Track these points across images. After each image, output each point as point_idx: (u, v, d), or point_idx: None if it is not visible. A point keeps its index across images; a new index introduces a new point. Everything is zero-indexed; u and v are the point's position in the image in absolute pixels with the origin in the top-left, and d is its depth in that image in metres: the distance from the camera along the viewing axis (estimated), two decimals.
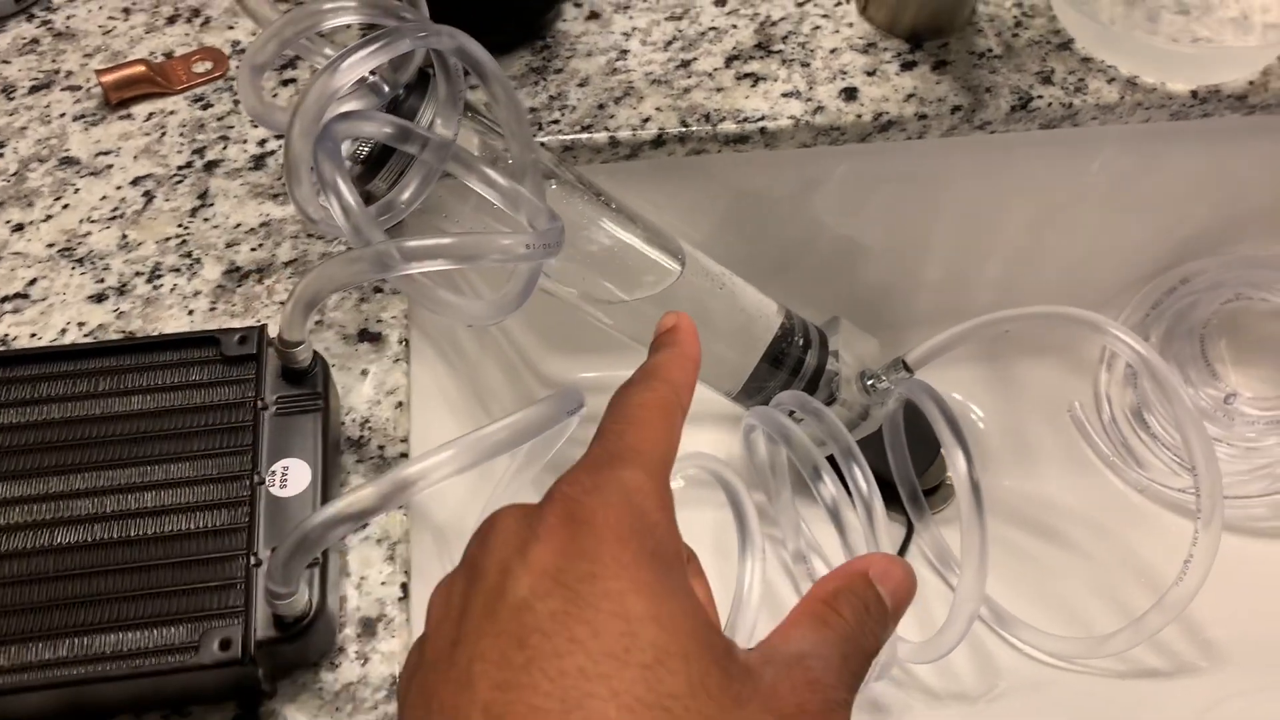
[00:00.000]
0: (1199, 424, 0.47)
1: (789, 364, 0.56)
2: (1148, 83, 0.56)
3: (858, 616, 0.26)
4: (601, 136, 0.54)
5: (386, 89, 0.45)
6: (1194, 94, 0.56)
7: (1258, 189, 0.63)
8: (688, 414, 0.30)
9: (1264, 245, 0.65)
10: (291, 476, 0.39)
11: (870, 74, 0.56)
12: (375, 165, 0.45)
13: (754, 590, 0.43)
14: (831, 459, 0.48)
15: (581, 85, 0.56)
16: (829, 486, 0.46)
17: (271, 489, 0.38)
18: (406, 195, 0.44)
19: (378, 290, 0.48)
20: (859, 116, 0.55)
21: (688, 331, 0.34)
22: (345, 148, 0.41)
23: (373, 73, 0.44)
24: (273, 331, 0.42)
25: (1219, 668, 0.56)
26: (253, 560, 0.37)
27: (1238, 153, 0.61)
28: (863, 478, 0.46)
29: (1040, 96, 0.56)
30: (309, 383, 0.41)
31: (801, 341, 0.56)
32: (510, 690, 0.22)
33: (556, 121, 0.54)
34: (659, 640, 0.23)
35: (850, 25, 0.59)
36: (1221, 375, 0.66)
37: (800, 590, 0.58)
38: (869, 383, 0.57)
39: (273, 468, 0.39)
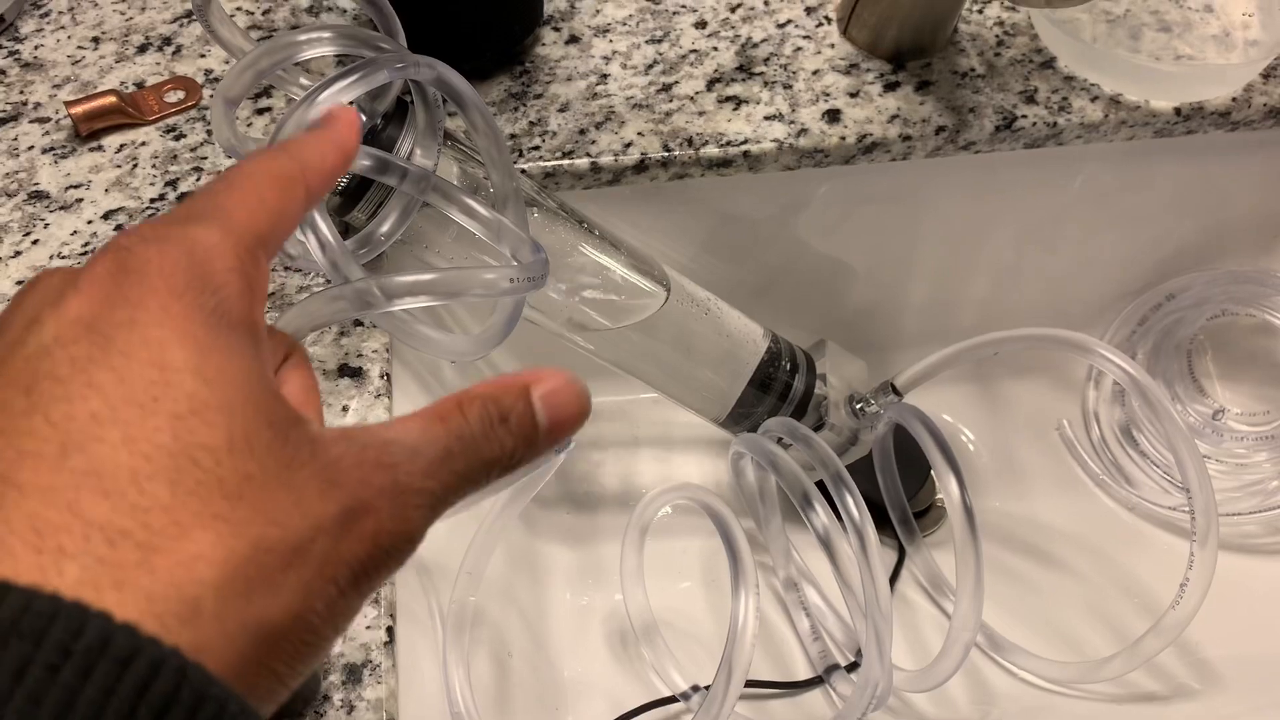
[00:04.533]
0: (1191, 443, 0.47)
1: (776, 389, 0.55)
2: (1131, 101, 0.56)
3: (485, 423, 0.24)
4: (583, 162, 0.53)
5: (364, 119, 0.44)
6: (1177, 111, 0.56)
7: (1241, 204, 0.63)
8: (315, 199, 0.27)
9: (1248, 260, 0.65)
10: None
11: (853, 95, 0.56)
12: (353, 196, 0.44)
13: (749, 626, 0.42)
14: (821, 485, 0.47)
15: (562, 110, 0.55)
16: (820, 515, 0.45)
17: None
18: (386, 227, 0.43)
19: (358, 324, 0.47)
20: (843, 139, 0.54)
21: (345, 121, 0.30)
22: None
23: (350, 103, 0.44)
24: None
25: (1215, 689, 0.55)
26: None
27: (1221, 169, 0.61)
28: (854, 504, 0.45)
29: (1024, 116, 0.55)
30: None
31: (789, 365, 0.56)
32: (12, 440, 0.19)
33: (537, 148, 0.53)
34: (198, 392, 0.20)
35: (832, 46, 0.58)
36: (1209, 391, 0.66)
37: (793, 619, 0.58)
38: (858, 406, 0.56)
39: None
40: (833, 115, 0.55)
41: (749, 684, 0.52)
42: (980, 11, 0.60)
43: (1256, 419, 0.64)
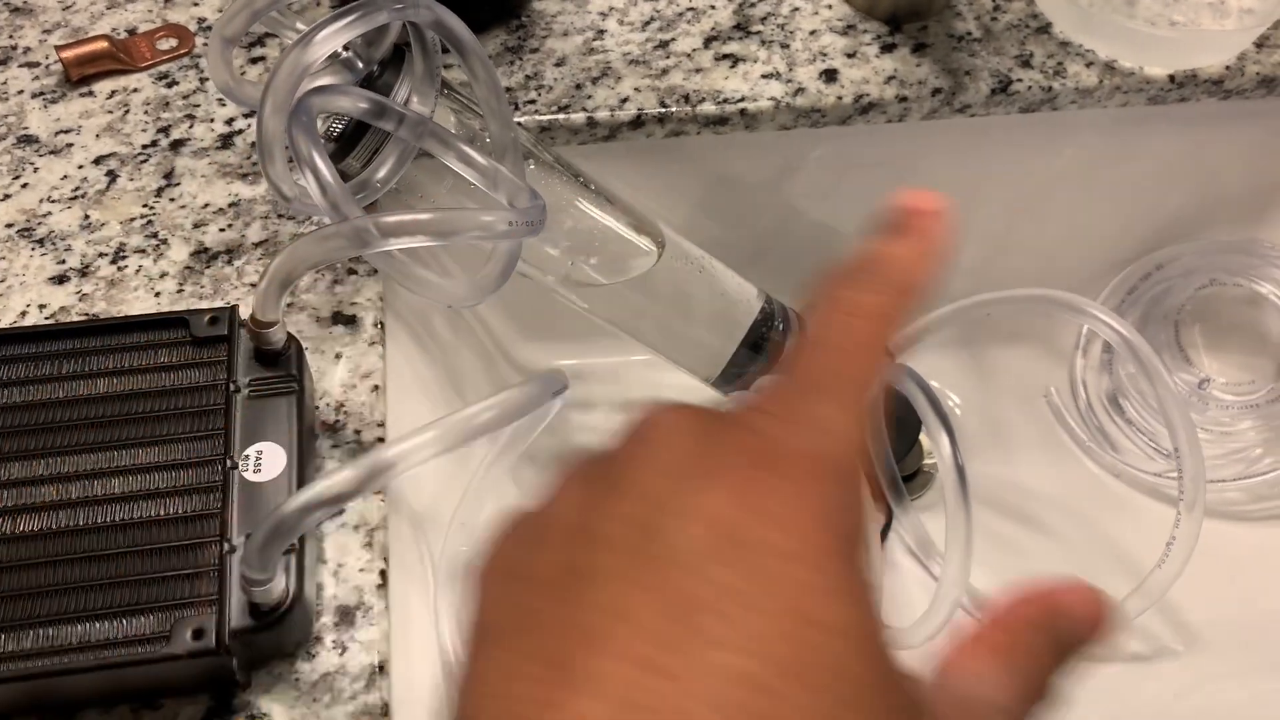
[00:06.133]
0: (1182, 405, 0.47)
1: (769, 349, 0.55)
2: (1126, 66, 0.56)
3: (1041, 660, 0.21)
4: (579, 117, 0.53)
5: (360, 65, 0.44)
6: (1171, 78, 0.56)
7: (1232, 174, 0.63)
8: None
9: (1238, 230, 0.65)
10: (266, 461, 0.37)
11: (850, 56, 0.56)
12: (348, 143, 0.43)
13: None
14: None
15: (558, 65, 0.55)
16: None
17: (245, 474, 0.37)
18: (382, 174, 0.43)
19: (351, 272, 0.47)
20: (840, 98, 0.54)
21: (934, 217, 0.24)
22: (318, 125, 0.40)
23: (346, 48, 0.43)
24: (244, 313, 0.41)
25: (1196, 651, 0.56)
26: (226, 547, 0.35)
27: (1213, 138, 0.61)
28: None
29: (1020, 80, 0.55)
30: (283, 365, 0.40)
31: (782, 326, 0.56)
32: (662, 679, 0.16)
33: (533, 101, 0.53)
34: (843, 663, 0.17)
35: (829, 7, 0.58)
36: (1195, 361, 0.67)
37: None
38: None
39: (246, 452, 0.38)
40: (830, 75, 0.55)
41: None
42: None
43: (1241, 388, 0.65)
